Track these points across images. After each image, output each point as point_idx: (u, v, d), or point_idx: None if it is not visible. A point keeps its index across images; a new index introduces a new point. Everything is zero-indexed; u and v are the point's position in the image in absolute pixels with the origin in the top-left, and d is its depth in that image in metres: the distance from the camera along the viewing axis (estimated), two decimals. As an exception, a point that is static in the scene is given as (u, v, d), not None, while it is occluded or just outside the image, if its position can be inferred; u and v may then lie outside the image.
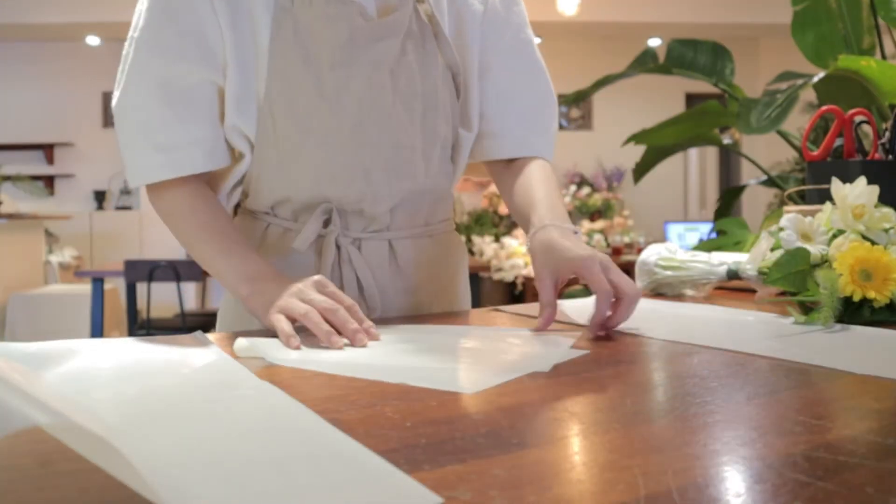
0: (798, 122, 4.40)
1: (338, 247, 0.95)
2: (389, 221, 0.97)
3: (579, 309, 0.92)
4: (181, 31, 0.88)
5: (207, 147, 0.91)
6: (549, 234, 0.85)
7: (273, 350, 0.69)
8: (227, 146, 0.94)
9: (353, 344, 0.72)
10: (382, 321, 0.88)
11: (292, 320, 0.75)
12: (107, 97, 6.88)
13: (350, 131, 0.92)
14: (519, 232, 6.05)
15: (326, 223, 0.95)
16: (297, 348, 0.70)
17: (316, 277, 0.80)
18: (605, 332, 0.78)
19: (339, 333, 0.73)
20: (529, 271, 5.68)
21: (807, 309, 0.84)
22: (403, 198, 0.97)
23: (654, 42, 6.52)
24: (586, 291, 0.97)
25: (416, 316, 0.99)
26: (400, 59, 0.93)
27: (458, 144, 1.02)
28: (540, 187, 0.97)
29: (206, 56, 0.89)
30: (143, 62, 0.88)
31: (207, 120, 0.91)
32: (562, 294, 0.87)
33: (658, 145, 2.75)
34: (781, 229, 0.91)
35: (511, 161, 1.05)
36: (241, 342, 0.69)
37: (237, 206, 1.04)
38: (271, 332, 0.76)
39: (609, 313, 0.77)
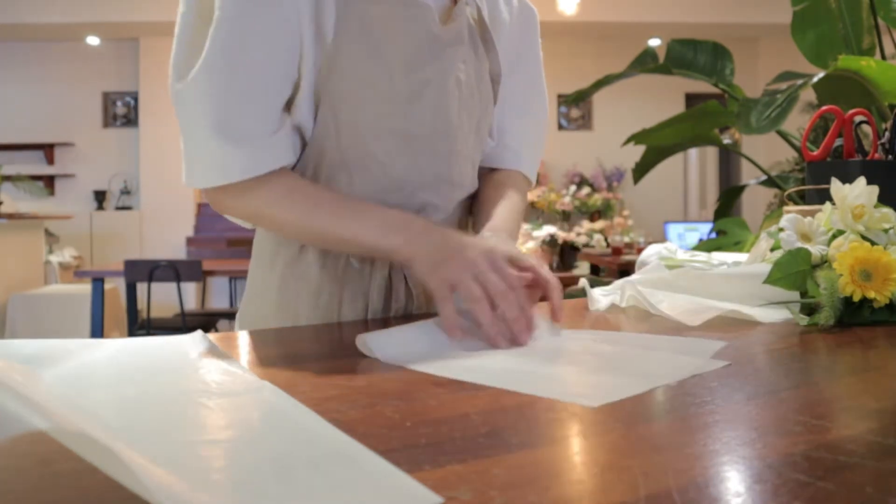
0: (798, 122, 4.40)
1: None
2: None
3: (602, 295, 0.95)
4: (269, 16, 0.80)
5: (286, 142, 0.84)
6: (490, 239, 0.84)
7: (395, 350, 0.65)
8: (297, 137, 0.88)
9: (515, 342, 0.68)
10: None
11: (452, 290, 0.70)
12: (107, 97, 6.88)
13: (420, 140, 0.89)
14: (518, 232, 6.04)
15: None
16: (460, 338, 0.67)
17: (490, 247, 0.73)
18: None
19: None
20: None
21: (810, 310, 0.84)
22: (456, 207, 0.96)
23: (654, 42, 6.52)
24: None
25: None
26: (461, 67, 0.91)
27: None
28: (506, 205, 0.96)
29: (290, 46, 0.82)
30: (228, 46, 0.79)
31: (283, 114, 0.85)
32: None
33: (658, 145, 2.75)
34: (781, 229, 0.91)
35: (492, 171, 1.06)
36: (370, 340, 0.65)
37: None
38: (277, 333, 0.76)
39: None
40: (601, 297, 0.96)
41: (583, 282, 1.02)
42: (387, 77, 0.85)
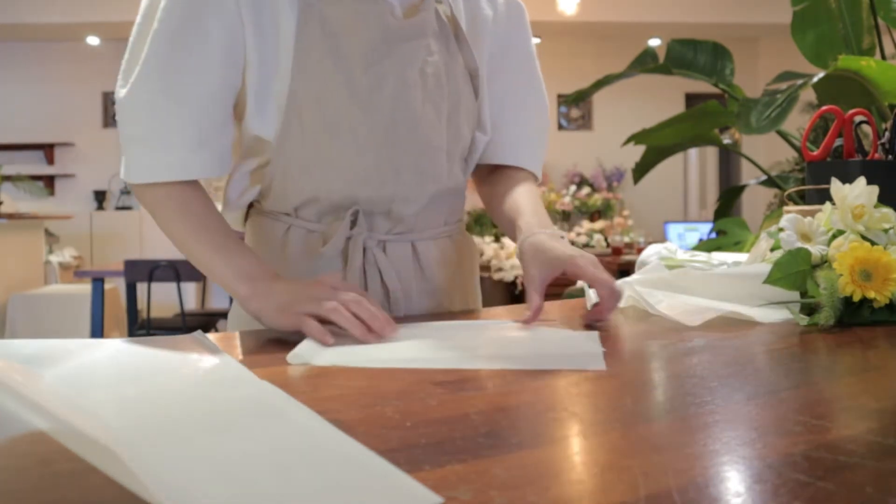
0: (798, 122, 4.40)
1: (363, 249, 0.94)
2: (414, 223, 0.97)
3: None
4: (204, 28, 0.85)
5: (217, 153, 0.89)
6: (539, 238, 0.89)
7: (325, 353, 0.68)
8: (231, 153, 0.93)
9: (382, 337, 0.73)
10: (408, 319, 0.89)
11: (319, 320, 0.74)
12: (107, 97, 6.87)
13: (383, 131, 0.91)
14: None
15: (352, 225, 0.94)
16: (331, 344, 0.71)
17: (325, 276, 0.79)
18: (599, 321, 0.84)
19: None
20: (529, 271, 5.68)
21: (810, 310, 0.84)
22: (430, 199, 0.97)
23: (654, 42, 6.52)
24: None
25: (442, 314, 0.99)
26: (427, 60, 0.94)
27: (474, 146, 1.04)
28: (527, 199, 1.00)
29: (228, 57, 0.86)
30: (161, 58, 0.84)
31: (220, 126, 0.89)
32: (562, 295, 0.88)
33: (658, 145, 2.75)
34: (781, 229, 0.91)
35: (497, 168, 1.08)
36: (300, 352, 0.68)
37: (249, 207, 1.03)
38: (278, 333, 0.76)
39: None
40: None
41: (581, 282, 1.02)
42: (347, 73, 0.89)
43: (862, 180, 0.92)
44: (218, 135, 0.89)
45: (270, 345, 0.76)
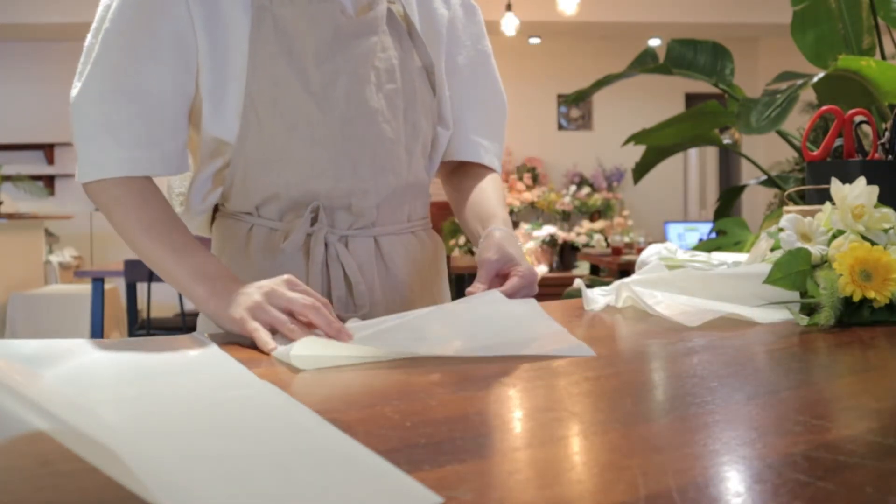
0: (798, 122, 4.39)
1: (325, 245, 0.94)
2: (375, 217, 0.98)
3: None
4: (154, 31, 0.87)
5: (167, 152, 0.89)
6: (505, 234, 0.94)
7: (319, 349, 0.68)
8: (186, 155, 0.94)
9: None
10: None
11: (269, 327, 0.73)
12: (107, 97, 6.87)
13: (338, 126, 0.93)
14: (518, 232, 6.04)
15: (313, 221, 0.94)
16: (273, 349, 0.69)
17: (285, 277, 0.77)
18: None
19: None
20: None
21: (810, 310, 0.84)
22: (389, 193, 0.98)
23: (654, 42, 6.52)
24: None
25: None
26: (380, 56, 0.96)
27: (436, 142, 1.05)
28: (495, 201, 1.03)
29: (179, 60, 0.88)
30: (111, 58, 0.86)
31: (170, 126, 0.90)
32: (561, 295, 0.88)
33: (658, 145, 2.74)
34: (781, 229, 0.91)
35: (461, 165, 1.10)
36: (289, 351, 0.67)
37: (214, 211, 1.03)
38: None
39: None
40: (599, 297, 0.97)
41: (578, 282, 1.02)
42: (300, 71, 0.91)
43: (862, 180, 0.92)
44: (169, 135, 0.89)
45: (270, 345, 0.76)
